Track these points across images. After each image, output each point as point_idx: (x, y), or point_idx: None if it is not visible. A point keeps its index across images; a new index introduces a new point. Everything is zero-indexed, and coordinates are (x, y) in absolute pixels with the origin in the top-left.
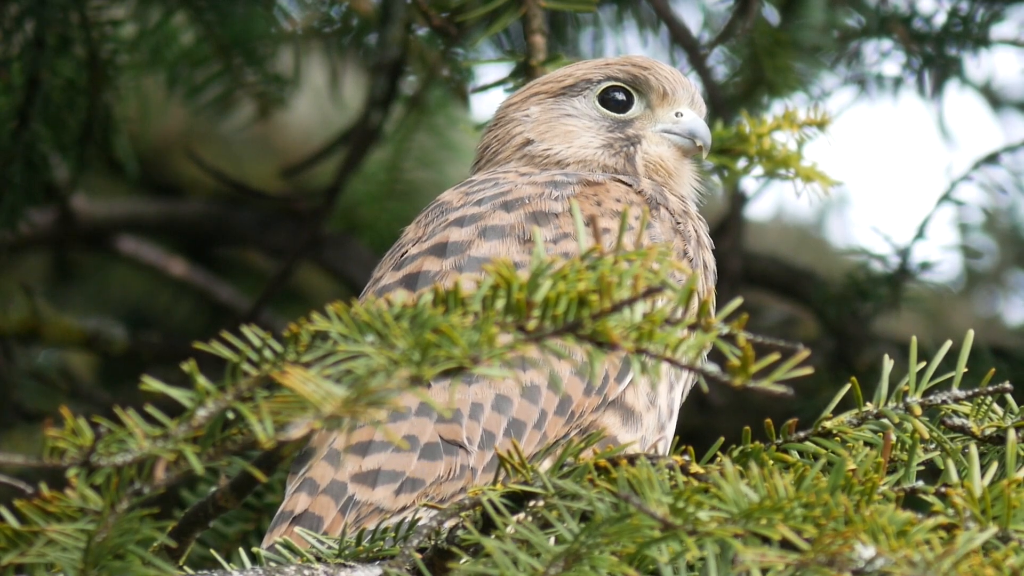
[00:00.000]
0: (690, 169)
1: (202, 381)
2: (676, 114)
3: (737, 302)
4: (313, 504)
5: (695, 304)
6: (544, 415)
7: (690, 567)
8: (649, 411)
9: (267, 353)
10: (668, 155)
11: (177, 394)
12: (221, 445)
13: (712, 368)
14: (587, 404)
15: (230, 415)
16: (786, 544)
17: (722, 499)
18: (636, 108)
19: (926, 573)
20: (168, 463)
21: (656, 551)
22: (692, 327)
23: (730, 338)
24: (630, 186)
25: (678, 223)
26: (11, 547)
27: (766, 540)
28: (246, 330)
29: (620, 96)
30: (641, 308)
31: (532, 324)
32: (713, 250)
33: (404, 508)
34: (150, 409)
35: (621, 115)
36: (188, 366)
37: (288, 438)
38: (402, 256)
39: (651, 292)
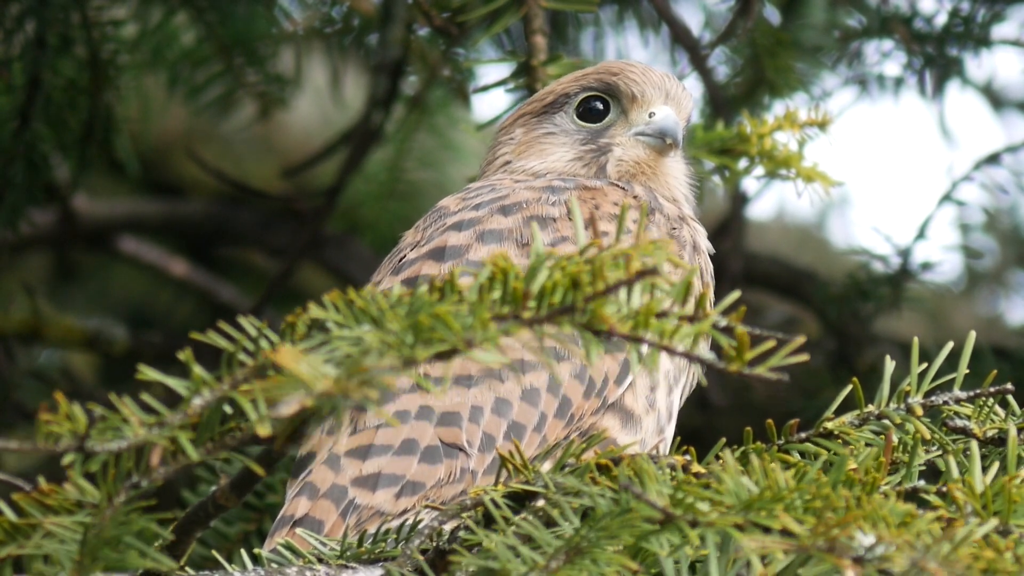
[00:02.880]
0: (683, 171)
1: (198, 370)
2: (650, 114)
3: (735, 295)
4: (314, 508)
5: (692, 297)
6: (544, 418)
7: (691, 567)
8: (648, 414)
9: (263, 343)
10: (644, 156)
11: (173, 382)
12: (219, 440)
13: (708, 355)
14: (587, 407)
15: (227, 408)
16: (787, 534)
17: (722, 491)
18: (611, 115)
19: (926, 557)
20: (164, 453)
21: (656, 543)
22: (689, 319)
23: (728, 331)
24: (625, 191)
25: (673, 228)
26: (9, 540)
27: (767, 531)
28: (243, 320)
29: (599, 106)
30: (637, 296)
31: (528, 314)
32: (711, 255)
33: (405, 511)
34: (146, 397)
35: (596, 125)
36: (184, 355)
37: (280, 415)
38: (400, 261)
39: (644, 274)
